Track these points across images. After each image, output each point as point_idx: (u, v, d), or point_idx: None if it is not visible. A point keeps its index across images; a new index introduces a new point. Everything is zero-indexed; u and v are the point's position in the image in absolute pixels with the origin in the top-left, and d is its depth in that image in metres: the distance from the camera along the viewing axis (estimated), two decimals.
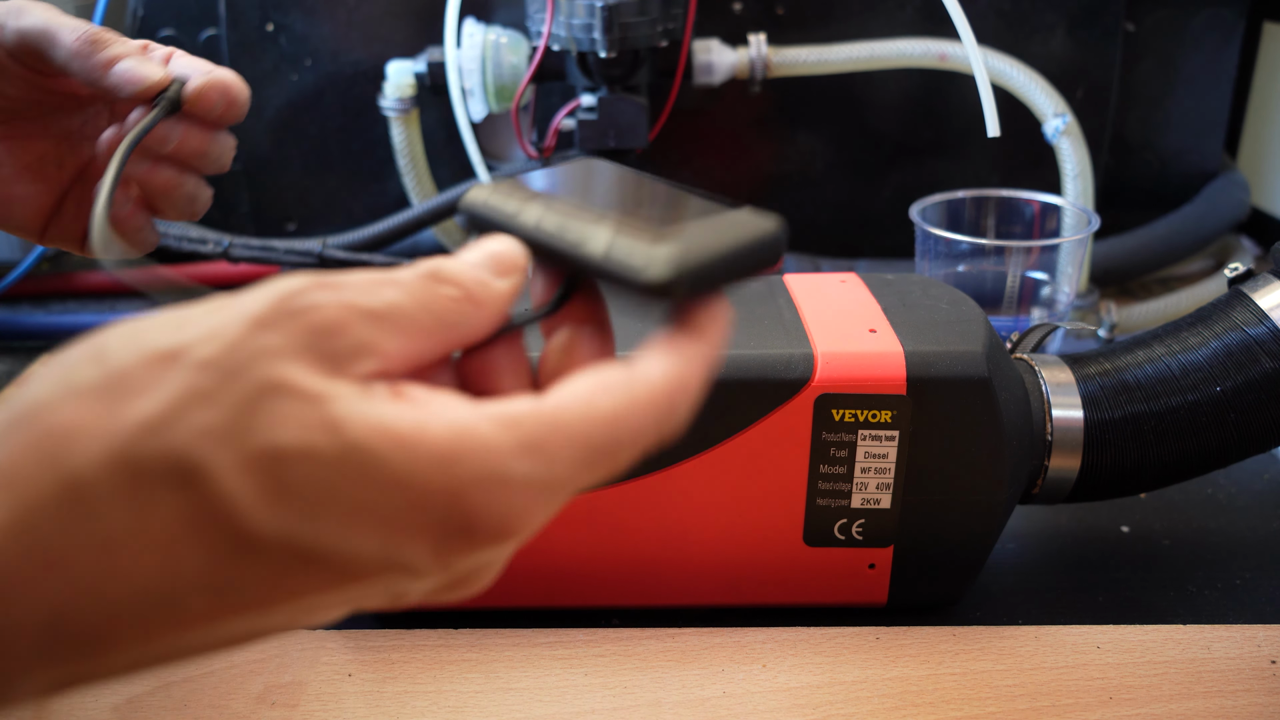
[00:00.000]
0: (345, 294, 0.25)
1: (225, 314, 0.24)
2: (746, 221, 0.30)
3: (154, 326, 0.25)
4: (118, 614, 0.23)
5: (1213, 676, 0.46)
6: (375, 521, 0.23)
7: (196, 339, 0.24)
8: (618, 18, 0.72)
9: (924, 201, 0.69)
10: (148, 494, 0.23)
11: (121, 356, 0.24)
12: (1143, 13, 0.87)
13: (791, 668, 0.47)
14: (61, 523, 0.22)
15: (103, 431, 0.23)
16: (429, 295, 0.26)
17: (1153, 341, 0.50)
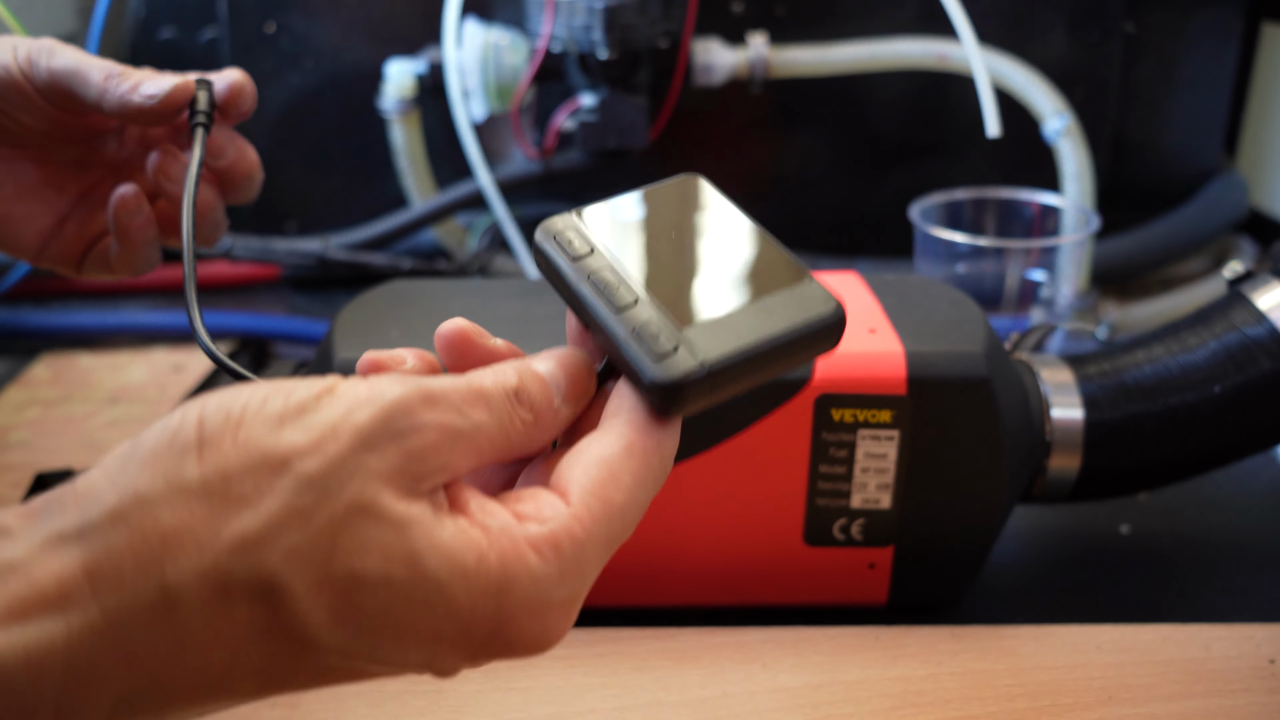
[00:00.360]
0: (444, 415, 0.26)
1: (333, 421, 0.25)
2: (800, 305, 0.29)
3: (261, 420, 0.25)
4: (177, 695, 0.24)
5: (1212, 676, 0.46)
6: (427, 639, 0.26)
7: (304, 448, 0.25)
8: (618, 19, 0.72)
9: (924, 201, 0.69)
10: (230, 605, 0.24)
11: (229, 456, 0.24)
12: (1143, 13, 0.87)
13: (791, 668, 0.47)
14: (150, 626, 0.23)
15: (203, 544, 0.24)
16: (509, 419, 0.28)
17: (1152, 342, 0.50)
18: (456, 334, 0.30)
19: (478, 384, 0.28)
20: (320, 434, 0.25)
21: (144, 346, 0.76)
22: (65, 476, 0.55)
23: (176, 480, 0.24)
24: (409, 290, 0.52)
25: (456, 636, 0.26)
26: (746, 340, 0.28)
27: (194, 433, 0.25)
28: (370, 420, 0.25)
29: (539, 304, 0.50)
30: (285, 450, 0.24)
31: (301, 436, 0.25)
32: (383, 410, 0.25)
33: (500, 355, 0.31)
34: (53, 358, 0.74)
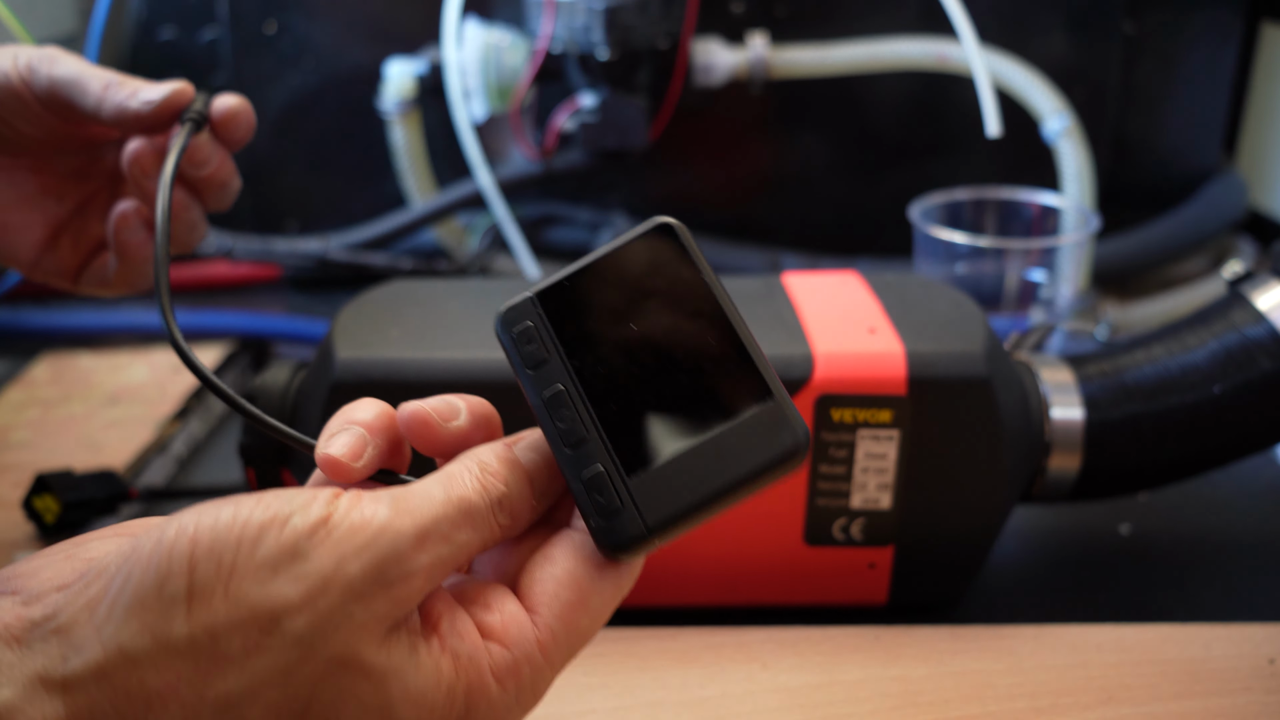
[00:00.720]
0: (433, 552, 0.26)
1: (325, 574, 0.25)
2: (762, 435, 0.28)
3: (253, 569, 0.25)
4: None
5: (1212, 676, 0.46)
6: None
7: (294, 604, 0.25)
8: (618, 19, 0.72)
9: (924, 201, 0.69)
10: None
11: (218, 613, 0.24)
12: (1143, 13, 0.87)
13: (791, 667, 0.47)
14: None
15: (186, 705, 0.24)
16: (490, 528, 0.28)
17: (1152, 342, 0.50)
18: (416, 419, 0.30)
19: (466, 502, 0.28)
20: (311, 588, 0.25)
21: (144, 346, 0.76)
22: (65, 477, 0.55)
23: (163, 637, 0.24)
24: (409, 290, 0.52)
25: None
26: (696, 493, 0.28)
27: (184, 583, 0.24)
28: (362, 572, 0.25)
29: None
30: (276, 606, 0.24)
31: (293, 590, 0.25)
32: (376, 561, 0.25)
33: (465, 438, 0.31)
34: (53, 358, 0.74)
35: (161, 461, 0.62)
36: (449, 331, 0.47)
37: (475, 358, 0.45)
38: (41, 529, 0.56)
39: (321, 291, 0.86)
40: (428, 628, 0.27)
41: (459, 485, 0.28)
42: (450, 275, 0.84)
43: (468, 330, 0.47)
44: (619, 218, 0.90)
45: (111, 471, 0.57)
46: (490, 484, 0.28)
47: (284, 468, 0.49)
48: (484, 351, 0.46)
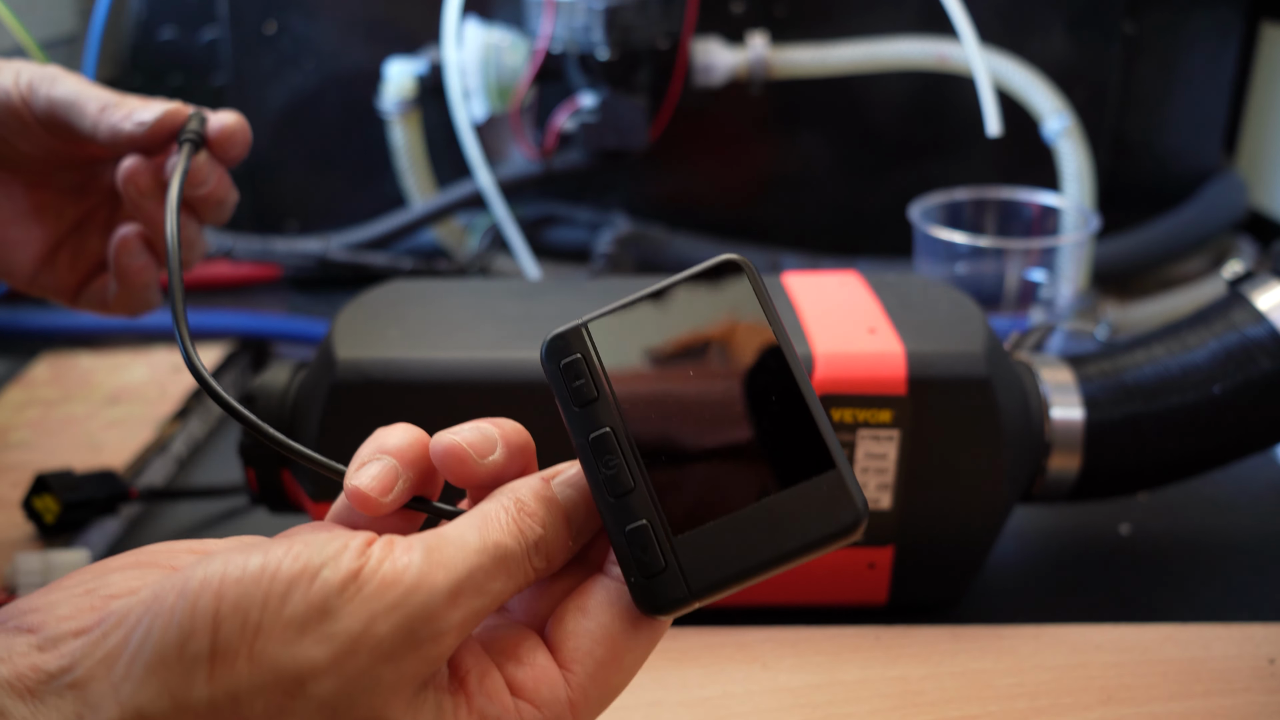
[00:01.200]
0: (466, 607, 0.25)
1: (354, 635, 0.24)
2: (818, 509, 0.26)
3: (280, 628, 0.24)
4: None
5: (1212, 676, 0.46)
6: None
7: (322, 667, 0.24)
8: (618, 19, 0.72)
9: (924, 201, 0.69)
10: None
11: (241, 676, 0.23)
12: (1143, 13, 0.87)
13: (791, 667, 0.47)
14: None
15: None
16: (525, 573, 0.27)
17: (1152, 342, 0.50)
18: (451, 454, 0.29)
19: (502, 548, 0.27)
20: (339, 649, 0.24)
21: (144, 346, 0.76)
22: (65, 477, 0.55)
23: (183, 700, 0.23)
24: (409, 290, 0.52)
25: None
26: (746, 561, 0.26)
27: (207, 642, 0.23)
28: (393, 633, 0.24)
29: (539, 304, 0.50)
30: (303, 668, 0.24)
31: (320, 652, 0.24)
32: (407, 620, 0.24)
33: (501, 473, 0.29)
34: (53, 358, 0.74)
35: (161, 461, 0.62)
36: (449, 331, 0.47)
37: (475, 358, 0.45)
38: (41, 529, 0.55)
39: (321, 291, 0.86)
40: (455, 683, 0.26)
41: (495, 529, 0.27)
42: (450, 275, 0.84)
43: (468, 330, 0.47)
44: (619, 218, 0.90)
45: (111, 471, 0.57)
46: (528, 526, 0.27)
47: (284, 468, 0.49)
48: (484, 351, 0.46)
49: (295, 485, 0.48)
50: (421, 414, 0.45)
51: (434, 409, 0.45)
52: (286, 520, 0.58)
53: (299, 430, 0.47)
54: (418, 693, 0.25)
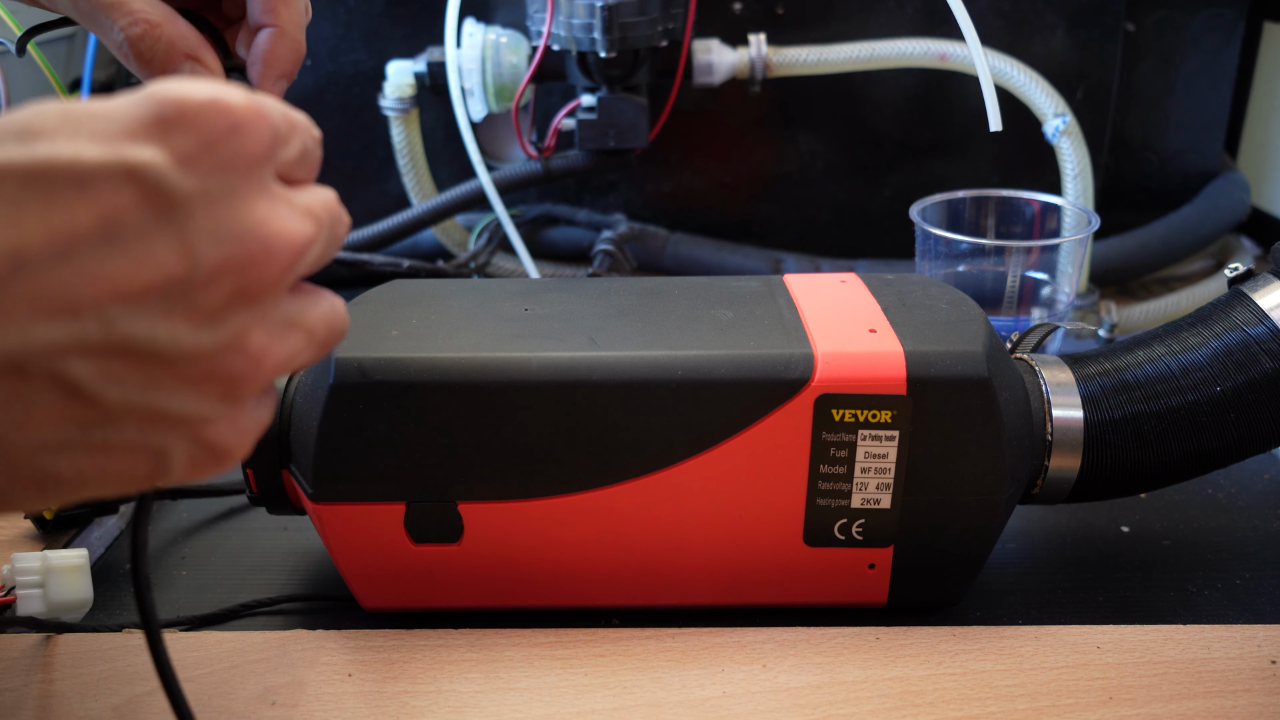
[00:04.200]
0: None
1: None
2: None
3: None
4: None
5: (1213, 676, 0.46)
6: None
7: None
8: (618, 17, 0.72)
9: (924, 201, 0.69)
10: None
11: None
12: (1143, 13, 0.87)
13: (791, 668, 0.47)
14: None
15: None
16: None
17: (1153, 341, 0.50)
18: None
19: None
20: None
21: None
22: None
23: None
24: (409, 290, 0.52)
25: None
26: None
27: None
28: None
29: (539, 304, 0.50)
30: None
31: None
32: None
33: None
34: None
35: None
36: (449, 331, 0.47)
37: (475, 358, 0.45)
38: (40, 527, 0.56)
39: None
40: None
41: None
42: (450, 275, 0.84)
43: (468, 330, 0.47)
44: (619, 218, 0.90)
45: None
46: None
47: (283, 469, 0.48)
48: (484, 351, 0.46)
49: (294, 485, 0.48)
50: (421, 414, 0.45)
51: (434, 409, 0.45)
52: (286, 520, 0.58)
53: (299, 430, 0.47)
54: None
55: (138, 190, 0.24)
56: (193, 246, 0.25)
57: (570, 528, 0.47)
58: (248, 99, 0.27)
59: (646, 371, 0.45)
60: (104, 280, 0.24)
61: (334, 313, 0.31)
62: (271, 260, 0.27)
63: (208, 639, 0.49)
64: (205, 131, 0.25)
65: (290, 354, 0.29)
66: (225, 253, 0.26)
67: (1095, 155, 0.83)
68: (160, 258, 0.25)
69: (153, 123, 0.25)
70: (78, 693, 0.45)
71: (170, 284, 0.25)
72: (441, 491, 0.46)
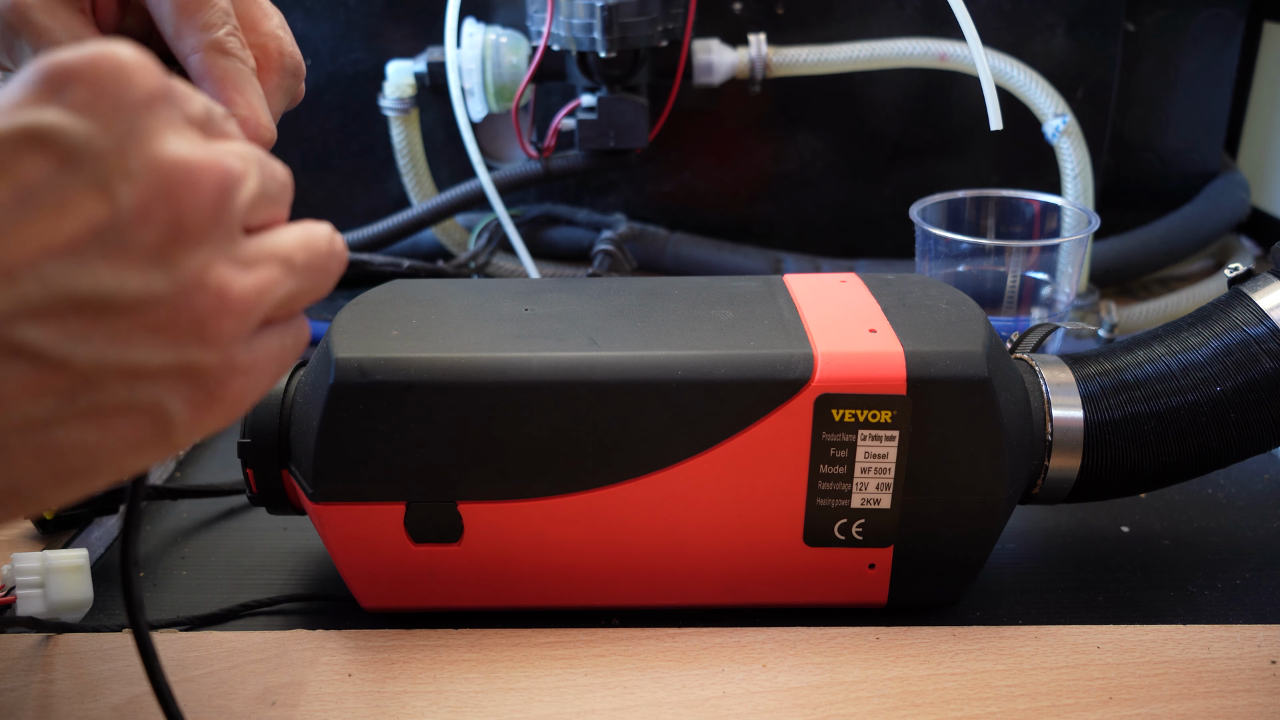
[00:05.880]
0: None
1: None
2: None
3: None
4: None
5: (1213, 677, 0.46)
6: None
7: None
8: (618, 17, 0.72)
9: (924, 201, 0.69)
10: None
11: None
12: (1143, 13, 0.87)
13: (791, 668, 0.47)
14: None
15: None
16: None
17: (1153, 341, 0.50)
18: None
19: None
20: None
21: None
22: None
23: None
24: (409, 290, 0.52)
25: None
26: None
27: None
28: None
29: (539, 304, 0.50)
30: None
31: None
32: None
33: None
34: None
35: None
36: (449, 331, 0.47)
37: (475, 358, 0.45)
38: (40, 527, 0.56)
39: None
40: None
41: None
42: (450, 275, 0.84)
43: (468, 330, 0.47)
44: (619, 218, 0.90)
45: None
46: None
47: (284, 469, 0.48)
48: (484, 351, 0.46)
49: (294, 485, 0.48)
50: (421, 414, 0.45)
51: (434, 409, 0.45)
52: (286, 520, 0.58)
53: (299, 430, 0.47)
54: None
55: (41, 149, 0.24)
56: (109, 188, 0.25)
57: (570, 528, 0.47)
58: (131, 48, 0.27)
59: (646, 371, 0.45)
60: (30, 240, 0.24)
61: (310, 236, 0.31)
62: (197, 187, 0.26)
63: (207, 639, 0.49)
64: (95, 81, 0.25)
65: (263, 283, 0.28)
66: (145, 187, 0.25)
67: (1095, 155, 0.83)
68: (80, 206, 0.25)
69: (42, 87, 0.25)
70: (78, 693, 0.45)
71: (99, 229, 0.25)
72: (441, 491, 0.46)
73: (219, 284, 0.27)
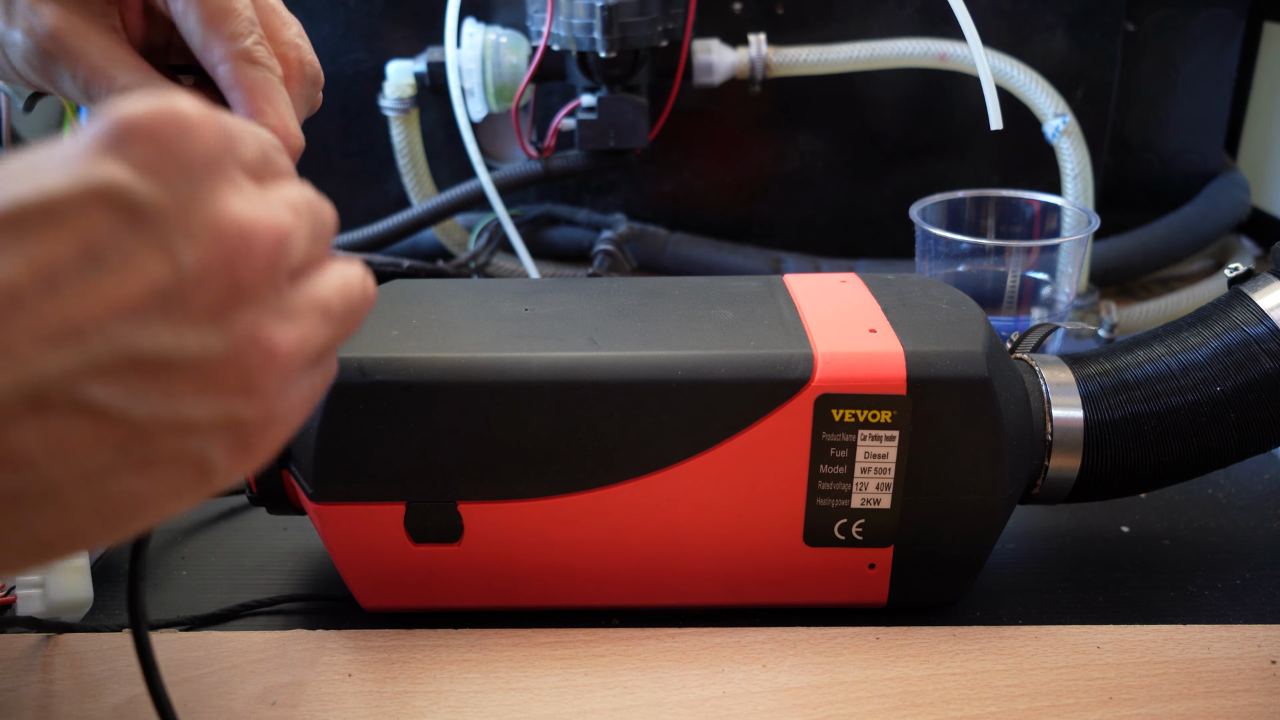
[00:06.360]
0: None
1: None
2: None
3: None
4: None
5: (1213, 677, 0.46)
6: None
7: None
8: (618, 17, 0.72)
9: (924, 201, 0.69)
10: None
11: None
12: (1143, 13, 0.87)
13: (791, 668, 0.47)
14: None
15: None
16: None
17: (1153, 341, 0.50)
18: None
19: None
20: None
21: None
22: None
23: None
24: (409, 290, 0.52)
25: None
26: None
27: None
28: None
29: (539, 304, 0.50)
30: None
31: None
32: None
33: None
34: None
35: None
36: (449, 331, 0.47)
37: (475, 358, 0.45)
38: None
39: None
40: None
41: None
42: (450, 275, 0.84)
43: (468, 330, 0.47)
44: (619, 218, 0.90)
45: None
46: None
47: (284, 469, 0.48)
48: (484, 351, 0.46)
49: (294, 485, 0.48)
50: (421, 414, 0.45)
51: (434, 409, 0.45)
52: (286, 520, 0.58)
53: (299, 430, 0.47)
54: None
55: (107, 207, 0.24)
56: (173, 249, 0.25)
57: (570, 528, 0.47)
58: (193, 102, 0.27)
59: (646, 371, 0.45)
60: (98, 300, 0.24)
61: (346, 283, 0.31)
62: (254, 249, 0.27)
63: (208, 639, 0.49)
64: (159, 138, 0.26)
65: (304, 336, 0.29)
66: (206, 249, 0.26)
67: (1095, 155, 0.83)
68: (145, 267, 0.25)
69: (108, 141, 0.25)
70: (78, 693, 0.45)
71: (162, 290, 0.25)
72: (441, 491, 0.46)
73: (268, 340, 0.27)
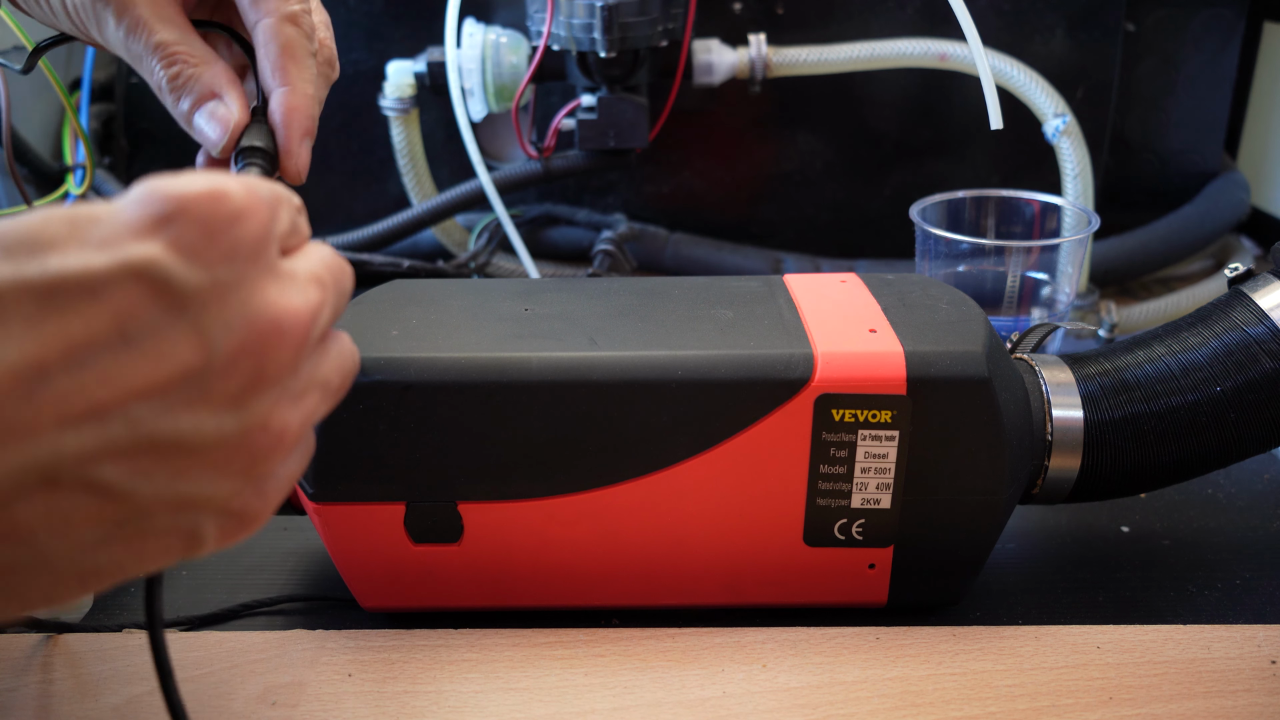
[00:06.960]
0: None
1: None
2: None
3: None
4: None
5: (1212, 676, 0.46)
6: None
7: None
8: (618, 17, 0.72)
9: (924, 201, 0.69)
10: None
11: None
12: (1143, 13, 0.87)
13: (791, 668, 0.47)
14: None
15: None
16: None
17: (1153, 341, 0.50)
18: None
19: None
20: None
21: None
22: None
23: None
24: (409, 290, 0.52)
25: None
26: None
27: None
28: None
29: (539, 304, 0.50)
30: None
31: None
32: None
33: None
34: None
35: None
36: (449, 331, 0.47)
37: (475, 358, 0.45)
38: None
39: None
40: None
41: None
42: (450, 275, 0.84)
43: (468, 330, 0.47)
44: (619, 218, 0.90)
45: None
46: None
47: None
48: (484, 351, 0.45)
49: (294, 485, 0.48)
50: (421, 414, 0.45)
51: (434, 409, 0.45)
52: (286, 520, 0.58)
53: None
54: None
55: (147, 289, 0.24)
56: (207, 337, 0.25)
57: (570, 528, 0.47)
58: (243, 185, 0.27)
59: (647, 371, 0.45)
60: (125, 381, 0.24)
61: (343, 358, 0.32)
62: (285, 340, 0.27)
63: (208, 639, 0.49)
64: (206, 223, 0.25)
65: (307, 416, 0.29)
66: (240, 339, 0.26)
67: (1095, 155, 0.83)
68: (177, 351, 0.25)
69: (154, 220, 0.25)
70: (78, 693, 0.45)
71: (189, 376, 0.25)
72: (441, 491, 0.46)
73: (280, 426, 0.28)
